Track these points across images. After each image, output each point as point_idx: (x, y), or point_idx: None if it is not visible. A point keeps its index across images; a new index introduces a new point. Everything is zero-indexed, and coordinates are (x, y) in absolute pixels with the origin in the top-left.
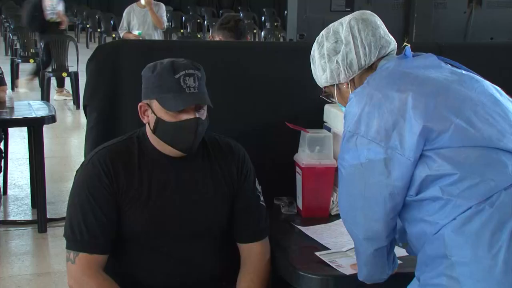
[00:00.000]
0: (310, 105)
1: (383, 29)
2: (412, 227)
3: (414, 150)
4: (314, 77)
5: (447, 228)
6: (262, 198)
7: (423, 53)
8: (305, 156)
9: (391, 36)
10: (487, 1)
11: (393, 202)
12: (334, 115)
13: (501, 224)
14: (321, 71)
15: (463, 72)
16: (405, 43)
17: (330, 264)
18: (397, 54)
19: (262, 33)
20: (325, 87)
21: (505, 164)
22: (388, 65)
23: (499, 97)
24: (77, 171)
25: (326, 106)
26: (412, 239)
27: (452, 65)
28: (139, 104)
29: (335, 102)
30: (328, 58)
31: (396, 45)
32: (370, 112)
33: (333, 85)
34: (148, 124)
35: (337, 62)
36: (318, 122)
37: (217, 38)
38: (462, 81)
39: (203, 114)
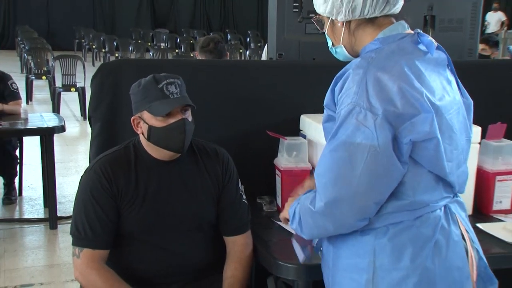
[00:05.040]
0: (287, 116)
1: None
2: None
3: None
4: (314, 0)
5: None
6: (244, 196)
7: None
8: (283, 160)
9: None
10: (439, 25)
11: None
12: (308, 124)
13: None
14: (323, 0)
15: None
16: (420, 30)
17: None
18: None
19: (247, 52)
20: (319, 15)
21: (441, 194)
22: (400, 46)
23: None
24: (81, 176)
25: (302, 116)
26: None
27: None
28: (132, 118)
29: (322, 32)
30: None
31: (402, 6)
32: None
33: (328, 18)
34: (142, 134)
35: (341, 0)
36: (295, 130)
37: (199, 58)
38: (449, 107)
39: (188, 116)
